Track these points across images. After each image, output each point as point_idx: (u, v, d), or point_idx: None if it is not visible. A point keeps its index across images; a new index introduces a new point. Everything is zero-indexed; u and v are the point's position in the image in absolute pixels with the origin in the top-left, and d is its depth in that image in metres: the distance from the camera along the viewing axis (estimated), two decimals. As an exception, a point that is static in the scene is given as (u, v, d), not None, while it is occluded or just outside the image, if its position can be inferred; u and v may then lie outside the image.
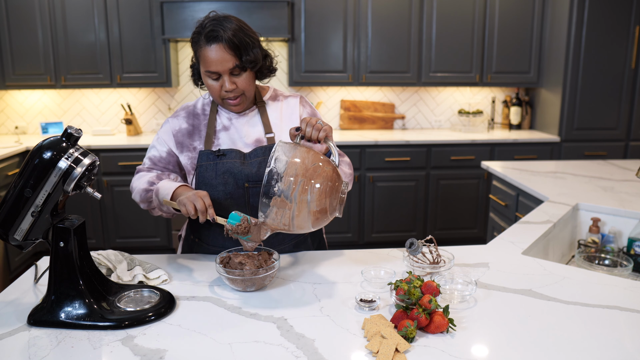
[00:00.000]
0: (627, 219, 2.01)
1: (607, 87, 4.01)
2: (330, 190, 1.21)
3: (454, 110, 4.63)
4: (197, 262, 1.50)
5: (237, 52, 1.39)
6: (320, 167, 1.22)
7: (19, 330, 1.11)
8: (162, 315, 1.16)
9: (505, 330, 1.11)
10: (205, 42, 1.39)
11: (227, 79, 1.42)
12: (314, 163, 1.21)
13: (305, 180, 1.18)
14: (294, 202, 1.18)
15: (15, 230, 1.12)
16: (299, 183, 1.18)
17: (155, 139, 1.59)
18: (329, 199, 1.21)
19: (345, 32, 4.08)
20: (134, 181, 1.57)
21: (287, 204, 1.18)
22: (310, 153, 1.24)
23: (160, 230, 3.97)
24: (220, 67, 1.39)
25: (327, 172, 1.22)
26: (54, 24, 3.90)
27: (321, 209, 1.20)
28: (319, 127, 1.32)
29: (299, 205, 1.18)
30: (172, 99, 4.42)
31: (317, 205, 1.20)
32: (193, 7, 3.79)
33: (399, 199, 4.07)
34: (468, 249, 1.60)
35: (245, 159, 1.49)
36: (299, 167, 1.19)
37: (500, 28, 4.17)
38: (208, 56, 1.39)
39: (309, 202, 1.19)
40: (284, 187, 1.17)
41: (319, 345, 1.04)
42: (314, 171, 1.20)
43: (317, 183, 1.19)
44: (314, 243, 1.68)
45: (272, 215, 1.20)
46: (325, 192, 1.20)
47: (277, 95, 1.61)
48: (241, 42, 1.39)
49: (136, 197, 1.54)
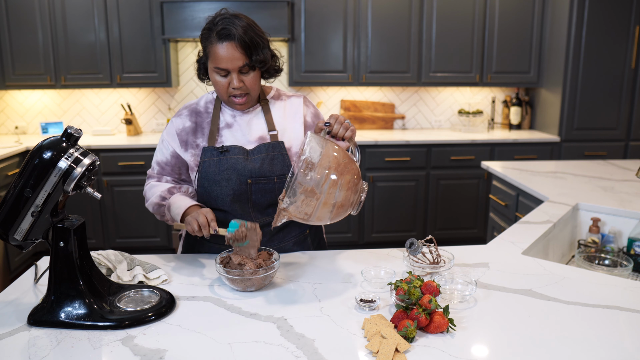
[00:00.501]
0: (627, 219, 2.01)
1: (607, 87, 4.01)
2: (355, 186, 1.25)
3: (454, 110, 4.63)
4: (197, 262, 1.51)
5: (247, 52, 1.41)
6: (349, 163, 1.25)
7: (19, 330, 1.11)
8: (162, 315, 1.16)
9: (505, 330, 1.11)
10: (217, 39, 1.40)
11: (236, 76, 1.43)
12: (345, 159, 1.25)
13: (337, 174, 1.21)
14: (323, 194, 1.20)
15: (15, 230, 1.12)
16: (331, 176, 1.21)
17: (160, 142, 1.60)
18: (353, 195, 1.25)
19: (345, 32, 4.08)
20: (146, 190, 1.60)
21: (315, 194, 1.20)
22: (340, 149, 1.27)
23: (160, 230, 3.97)
24: (231, 64, 1.41)
25: (354, 169, 1.26)
26: (54, 24, 3.90)
27: (344, 203, 1.24)
28: (347, 125, 1.37)
29: (327, 197, 1.21)
30: (172, 99, 4.42)
31: (343, 200, 1.23)
32: (193, 7, 3.79)
33: (399, 199, 4.07)
34: (468, 249, 1.60)
35: (248, 155, 1.50)
36: (332, 160, 1.22)
37: (500, 28, 4.17)
38: (219, 53, 1.40)
39: (337, 196, 1.21)
40: (317, 177, 1.20)
41: (319, 345, 1.04)
42: (345, 166, 1.23)
43: (347, 178, 1.23)
44: (314, 242, 1.68)
45: (297, 203, 1.21)
46: (352, 188, 1.24)
47: (281, 94, 1.62)
48: (252, 42, 1.41)
49: (149, 208, 1.58)
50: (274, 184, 1.49)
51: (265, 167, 1.48)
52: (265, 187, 1.49)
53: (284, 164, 1.50)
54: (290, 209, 1.23)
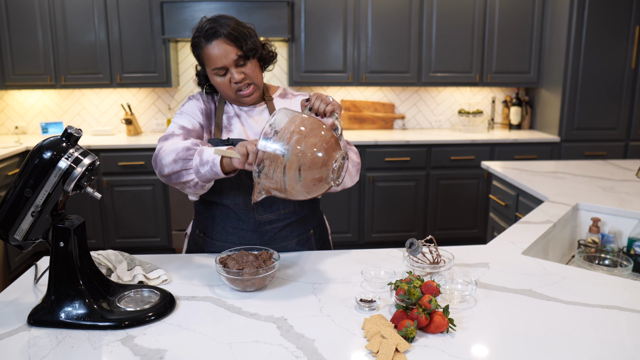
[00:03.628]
0: (627, 219, 2.01)
1: (607, 87, 4.01)
2: (325, 152, 1.17)
3: (454, 110, 4.63)
4: (197, 261, 1.51)
5: (237, 43, 1.44)
6: (318, 129, 1.19)
7: (19, 330, 1.11)
8: (162, 315, 1.16)
9: (505, 330, 1.11)
10: (206, 41, 1.43)
11: (234, 70, 1.46)
12: (313, 125, 1.20)
13: (300, 137, 1.16)
14: (286, 156, 1.14)
15: (15, 230, 1.12)
16: (294, 138, 1.15)
17: (186, 109, 1.53)
18: (323, 163, 1.17)
19: (345, 32, 4.08)
20: (165, 145, 1.41)
21: (279, 157, 1.15)
22: (312, 119, 1.21)
23: (160, 230, 3.97)
24: (225, 60, 1.43)
25: (325, 136, 1.19)
26: (54, 24, 3.90)
27: (311, 168, 1.16)
28: (327, 101, 1.37)
29: (291, 160, 1.14)
30: (172, 99, 4.42)
31: (310, 163, 1.15)
32: (193, 7, 3.79)
33: (399, 199, 4.07)
34: (468, 249, 1.60)
35: None
36: (297, 124, 1.18)
37: (500, 28, 4.17)
38: (211, 53, 1.43)
39: (301, 158, 1.15)
40: (279, 140, 1.16)
41: (319, 345, 1.04)
42: (311, 131, 1.18)
43: (312, 140, 1.17)
44: (318, 243, 1.67)
45: (265, 170, 1.16)
46: (319, 152, 1.16)
47: (287, 93, 1.65)
48: (239, 34, 1.44)
49: (169, 157, 1.36)
50: None
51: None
52: None
53: None
54: (261, 179, 1.18)
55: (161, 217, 3.94)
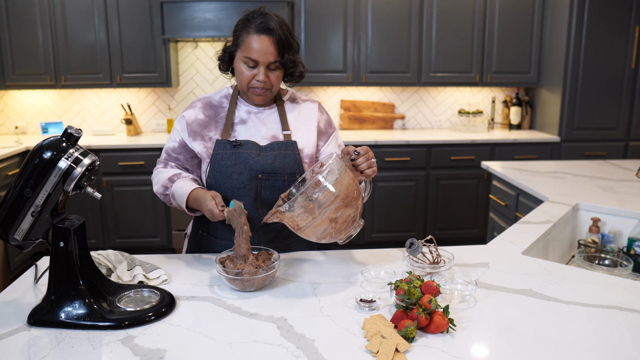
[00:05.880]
0: (627, 219, 2.01)
1: (607, 87, 4.01)
2: (352, 222, 1.29)
3: (454, 110, 4.63)
4: (197, 262, 1.51)
5: (280, 49, 1.46)
6: (356, 199, 1.28)
7: (19, 330, 1.11)
8: (162, 315, 1.16)
9: (505, 330, 1.11)
10: (255, 31, 1.44)
11: (263, 70, 1.47)
12: (354, 193, 1.28)
13: (341, 204, 1.25)
14: (320, 216, 1.23)
15: (15, 230, 1.12)
16: (335, 204, 1.23)
17: (172, 132, 1.65)
18: (346, 229, 1.29)
19: (345, 32, 4.08)
20: (153, 176, 1.66)
21: (314, 213, 1.23)
22: (355, 181, 1.30)
23: (160, 230, 3.97)
24: (263, 57, 1.45)
25: (358, 205, 1.30)
26: (54, 24, 3.90)
27: (335, 233, 1.28)
28: (371, 164, 1.39)
29: (323, 221, 1.24)
30: (172, 99, 4.42)
31: (335, 229, 1.27)
32: (193, 7, 3.79)
33: (399, 199, 4.07)
34: (468, 249, 1.60)
35: (261, 151, 1.52)
36: (343, 189, 1.25)
37: (500, 28, 4.17)
38: (253, 44, 1.44)
39: (331, 225, 1.25)
40: (322, 200, 1.22)
41: (319, 345, 1.04)
42: (351, 201, 1.26)
43: (348, 212, 1.26)
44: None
45: (295, 213, 1.23)
46: (348, 222, 1.28)
47: (296, 97, 1.66)
48: (287, 41, 1.46)
49: (156, 186, 1.63)
50: (283, 181, 1.51)
51: (277, 164, 1.50)
52: (275, 184, 1.51)
53: (296, 163, 1.52)
54: (285, 215, 1.25)
55: (161, 217, 3.93)
